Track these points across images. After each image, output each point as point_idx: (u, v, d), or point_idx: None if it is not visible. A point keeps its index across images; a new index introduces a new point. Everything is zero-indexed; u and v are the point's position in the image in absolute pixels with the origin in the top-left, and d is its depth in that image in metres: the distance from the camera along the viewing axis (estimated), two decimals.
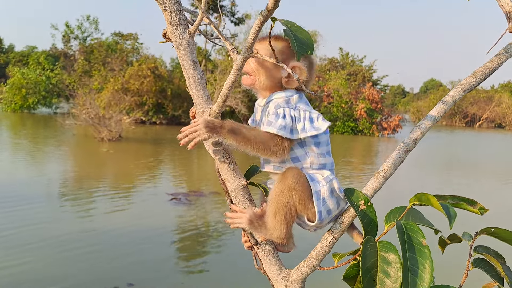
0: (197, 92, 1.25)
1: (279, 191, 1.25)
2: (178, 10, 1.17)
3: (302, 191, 1.25)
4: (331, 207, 1.29)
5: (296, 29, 0.94)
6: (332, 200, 1.29)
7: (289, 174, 1.26)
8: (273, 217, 1.27)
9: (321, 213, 1.26)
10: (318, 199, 1.26)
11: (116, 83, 24.45)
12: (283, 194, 1.25)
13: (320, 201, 1.27)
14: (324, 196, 1.28)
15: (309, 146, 1.32)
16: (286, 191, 1.24)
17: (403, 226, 1.12)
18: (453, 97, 1.25)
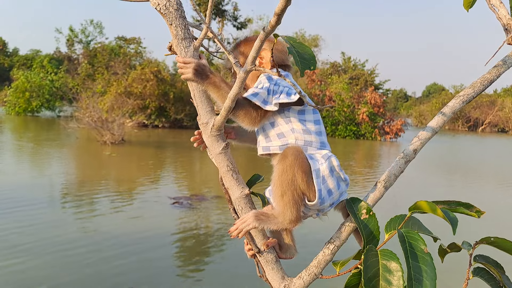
0: (201, 104, 1.28)
1: (282, 170, 1.26)
2: (183, 25, 1.20)
3: (303, 168, 1.25)
4: (331, 187, 1.30)
5: (299, 45, 0.96)
6: (332, 180, 1.29)
7: (288, 151, 1.27)
8: (281, 200, 1.26)
9: (321, 192, 1.27)
10: (318, 177, 1.27)
11: (119, 87, 24.56)
12: (286, 173, 1.25)
13: (320, 179, 1.27)
14: (324, 174, 1.28)
15: (294, 123, 1.34)
16: (288, 168, 1.25)
17: (404, 234, 1.14)
18: (451, 108, 1.28)
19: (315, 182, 1.26)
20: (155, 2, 1.17)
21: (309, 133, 1.35)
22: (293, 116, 1.35)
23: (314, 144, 1.34)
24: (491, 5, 1.47)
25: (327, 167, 1.29)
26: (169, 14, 1.18)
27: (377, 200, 1.28)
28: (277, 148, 1.34)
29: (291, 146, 1.29)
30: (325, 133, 1.41)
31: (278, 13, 0.87)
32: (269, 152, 1.35)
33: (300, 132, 1.33)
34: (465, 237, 1.43)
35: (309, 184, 1.26)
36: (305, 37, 42.95)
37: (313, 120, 1.37)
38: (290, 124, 1.34)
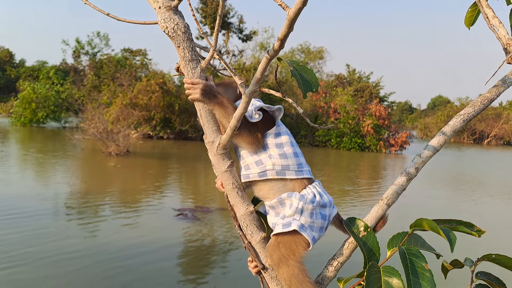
0: (208, 123, 1.31)
1: (277, 268, 1.30)
2: (190, 47, 1.24)
3: (290, 247, 1.29)
4: (320, 225, 1.33)
5: (302, 68, 1.00)
6: (317, 220, 1.33)
7: (270, 252, 1.31)
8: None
9: (314, 238, 1.31)
10: (305, 231, 1.30)
11: (124, 98, 24.72)
12: (282, 269, 1.28)
13: (308, 231, 1.30)
14: (308, 224, 1.31)
15: (272, 148, 1.37)
16: (281, 264, 1.28)
17: (405, 251, 1.16)
18: (452, 127, 1.30)
19: (305, 235, 1.29)
20: (164, 25, 1.21)
21: (286, 157, 1.37)
22: (270, 142, 1.38)
23: (291, 168, 1.36)
24: (491, 25, 1.50)
25: (306, 216, 1.31)
26: (177, 37, 1.22)
27: (380, 218, 1.30)
28: (256, 175, 1.36)
29: (270, 246, 1.32)
30: (301, 153, 1.43)
31: (281, 38, 0.91)
32: (249, 179, 1.37)
33: (277, 158, 1.36)
34: (469, 253, 1.44)
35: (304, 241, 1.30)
36: (310, 49, 43.14)
37: (289, 141, 1.40)
38: (268, 150, 1.37)
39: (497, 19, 1.50)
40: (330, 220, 1.36)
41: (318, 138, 27.83)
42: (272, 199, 1.36)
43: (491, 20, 1.51)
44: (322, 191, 1.38)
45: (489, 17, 1.52)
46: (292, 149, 1.40)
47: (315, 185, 1.38)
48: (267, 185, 1.37)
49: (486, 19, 1.53)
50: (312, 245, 1.30)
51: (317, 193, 1.35)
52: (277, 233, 1.32)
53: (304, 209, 1.32)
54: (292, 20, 0.86)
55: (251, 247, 1.35)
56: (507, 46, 1.47)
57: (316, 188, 1.37)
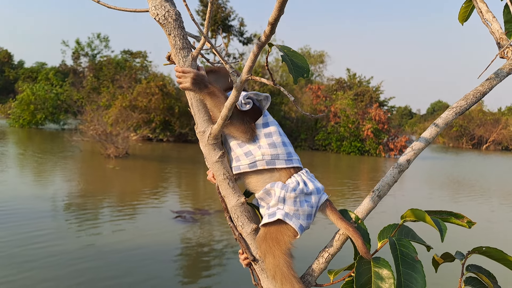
0: (199, 112, 1.31)
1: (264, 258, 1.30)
2: (181, 35, 1.24)
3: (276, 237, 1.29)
4: (307, 213, 1.32)
5: (293, 54, 0.99)
6: (303, 208, 1.31)
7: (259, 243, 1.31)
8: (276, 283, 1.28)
9: (301, 226, 1.30)
10: (291, 220, 1.29)
11: (124, 100, 24.71)
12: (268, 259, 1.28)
13: (293, 219, 1.30)
14: (292, 212, 1.30)
15: (260, 139, 1.36)
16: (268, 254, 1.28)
17: (395, 242, 1.15)
18: (445, 120, 1.30)
19: (292, 224, 1.29)
20: (154, 12, 1.21)
21: (275, 146, 1.36)
22: (258, 132, 1.38)
23: (281, 157, 1.36)
24: (485, 19, 1.50)
25: (290, 205, 1.31)
26: (168, 24, 1.22)
27: (371, 209, 1.30)
28: (246, 167, 1.36)
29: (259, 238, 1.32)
30: (290, 143, 1.43)
31: (271, 22, 0.90)
32: (240, 171, 1.37)
33: (267, 147, 1.35)
34: (459, 247, 1.44)
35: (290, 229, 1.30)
36: (311, 53, 43.22)
37: (277, 131, 1.40)
38: (257, 141, 1.36)
39: (490, 13, 1.51)
40: (318, 207, 1.35)
41: (318, 142, 27.83)
42: (260, 190, 1.36)
43: (484, 14, 1.52)
44: (308, 179, 1.37)
45: (483, 11, 1.52)
46: (280, 138, 1.39)
47: (301, 173, 1.37)
48: (256, 177, 1.37)
49: (480, 13, 1.53)
50: (300, 233, 1.29)
51: (301, 181, 1.34)
52: (264, 224, 1.32)
53: (286, 197, 1.31)
54: (282, 2, 0.85)
55: (242, 238, 1.35)
56: (500, 41, 1.47)
57: (301, 176, 1.36)
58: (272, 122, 1.41)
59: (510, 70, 1.40)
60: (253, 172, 1.37)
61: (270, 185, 1.33)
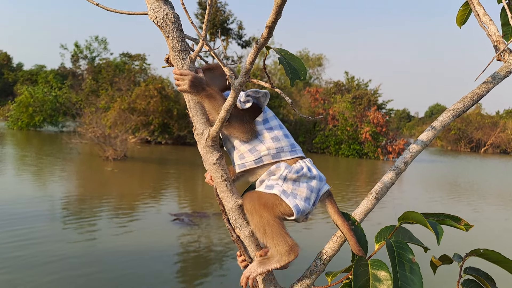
0: (197, 114, 1.31)
1: (250, 218, 1.29)
2: (180, 38, 1.24)
3: (265, 203, 1.28)
4: (306, 195, 1.32)
5: (290, 57, 1.00)
6: (302, 188, 1.32)
7: (244, 201, 1.31)
8: (266, 240, 1.28)
9: (298, 206, 1.29)
10: (287, 197, 1.29)
11: (122, 103, 24.70)
12: (254, 218, 1.28)
13: (290, 197, 1.30)
14: (290, 191, 1.31)
15: (262, 135, 1.38)
16: (254, 214, 1.28)
17: (392, 244, 1.16)
18: (442, 122, 1.30)
19: (288, 202, 1.28)
20: (153, 15, 1.21)
21: (278, 139, 1.38)
22: (259, 128, 1.39)
23: (285, 149, 1.37)
24: (482, 22, 1.51)
25: (289, 184, 1.32)
26: (166, 27, 1.22)
27: (369, 211, 1.30)
28: (252, 163, 1.37)
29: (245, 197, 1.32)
30: (290, 135, 1.45)
31: (269, 25, 0.91)
32: (246, 168, 1.38)
33: (270, 141, 1.37)
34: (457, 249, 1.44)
35: (286, 206, 1.29)
36: (309, 56, 43.30)
37: (278, 125, 1.42)
38: (259, 137, 1.38)
39: (487, 16, 1.52)
40: (319, 195, 1.35)
41: (317, 145, 27.84)
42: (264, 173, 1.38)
43: (481, 17, 1.53)
44: (311, 166, 1.38)
45: (480, 14, 1.53)
46: (282, 131, 1.41)
47: (305, 161, 1.39)
48: (262, 171, 1.39)
49: (477, 16, 1.54)
50: (296, 213, 1.29)
51: (305, 166, 1.36)
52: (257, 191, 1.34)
53: (287, 177, 1.32)
54: (280, 6, 0.86)
55: (240, 240, 1.35)
56: (497, 43, 1.48)
57: (305, 162, 1.37)
58: (272, 117, 1.43)
59: (507, 73, 1.40)
60: (258, 167, 1.38)
61: (275, 166, 1.34)
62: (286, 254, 1.27)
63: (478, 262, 1.30)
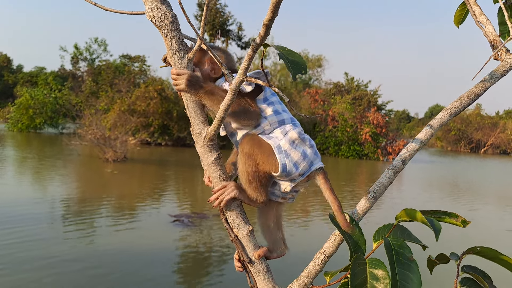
0: (195, 114, 1.31)
1: (243, 161, 1.33)
2: (177, 37, 1.24)
3: (262, 152, 1.33)
4: (296, 159, 1.35)
5: (288, 52, 1.00)
6: (296, 151, 1.35)
7: (244, 141, 1.35)
8: (250, 187, 1.34)
9: (285, 165, 1.33)
10: (280, 153, 1.33)
11: (122, 104, 24.71)
12: (247, 163, 1.33)
13: (282, 154, 1.33)
14: (285, 148, 1.34)
15: (264, 110, 1.41)
16: (247, 158, 1.32)
17: (390, 243, 1.16)
18: (439, 121, 1.31)
19: (278, 157, 1.33)
20: (151, 14, 1.22)
21: (279, 112, 1.42)
22: (261, 106, 1.42)
23: (286, 121, 1.42)
24: (478, 22, 1.52)
25: (287, 141, 1.36)
26: (164, 27, 1.23)
27: (367, 210, 1.30)
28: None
29: (246, 135, 1.37)
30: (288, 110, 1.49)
31: (266, 24, 0.91)
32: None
33: (272, 116, 1.41)
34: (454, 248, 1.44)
35: (274, 161, 1.33)
36: (309, 57, 43.31)
37: (277, 100, 1.46)
38: (262, 113, 1.41)
39: (484, 16, 1.52)
40: (311, 169, 1.39)
41: (316, 146, 27.82)
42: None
43: (478, 17, 1.53)
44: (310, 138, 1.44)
45: (477, 14, 1.54)
46: (281, 106, 1.45)
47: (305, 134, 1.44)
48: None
49: (474, 16, 1.55)
50: (280, 171, 1.33)
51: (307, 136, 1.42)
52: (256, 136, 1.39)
53: (289, 134, 1.37)
54: (276, 4, 0.86)
55: (238, 240, 1.35)
56: (494, 42, 1.48)
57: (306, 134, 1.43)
58: (271, 95, 1.46)
59: (504, 72, 1.41)
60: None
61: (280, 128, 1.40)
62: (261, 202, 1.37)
63: (475, 260, 1.30)
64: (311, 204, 10.62)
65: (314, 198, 11.15)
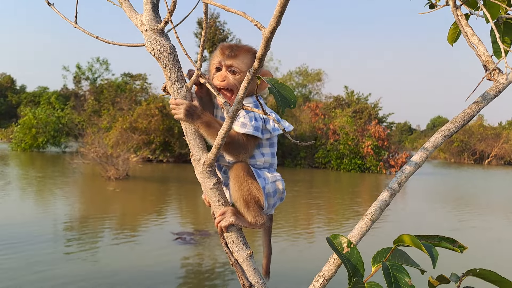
0: (194, 141, 1.34)
1: (237, 187, 1.39)
2: (176, 68, 1.28)
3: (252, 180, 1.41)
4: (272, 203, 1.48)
5: (280, 86, 1.03)
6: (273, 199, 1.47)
7: (239, 166, 1.40)
8: (248, 212, 1.40)
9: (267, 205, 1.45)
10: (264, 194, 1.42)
11: (124, 122, 24.84)
12: (241, 189, 1.39)
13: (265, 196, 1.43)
14: (269, 191, 1.44)
15: (265, 147, 1.48)
16: (242, 182, 1.38)
17: (388, 267, 1.17)
18: (433, 143, 1.33)
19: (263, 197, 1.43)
20: (150, 47, 1.25)
21: (274, 156, 1.51)
22: (264, 140, 1.48)
23: (274, 166, 1.52)
24: (471, 42, 1.55)
25: (271, 187, 1.45)
26: (163, 58, 1.26)
27: (364, 233, 1.32)
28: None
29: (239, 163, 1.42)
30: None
31: (259, 57, 0.94)
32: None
33: (269, 156, 1.48)
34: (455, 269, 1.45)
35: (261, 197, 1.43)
36: (308, 71, 43.52)
37: (275, 142, 1.53)
38: (260, 148, 1.47)
39: (476, 37, 1.55)
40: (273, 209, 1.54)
41: (318, 159, 27.81)
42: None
43: (470, 38, 1.56)
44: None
45: (469, 35, 1.57)
46: (275, 149, 1.53)
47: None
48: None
49: (466, 37, 1.58)
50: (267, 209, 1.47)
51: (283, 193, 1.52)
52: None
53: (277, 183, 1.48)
54: (268, 39, 0.89)
55: (238, 264, 1.36)
56: (487, 63, 1.51)
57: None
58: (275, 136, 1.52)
59: (497, 92, 1.43)
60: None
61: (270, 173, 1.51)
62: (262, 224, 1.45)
63: (475, 281, 1.31)
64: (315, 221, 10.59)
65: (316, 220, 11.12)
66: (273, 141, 1.50)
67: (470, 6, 1.67)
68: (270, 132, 1.44)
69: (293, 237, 8.36)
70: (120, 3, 1.28)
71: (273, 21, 0.86)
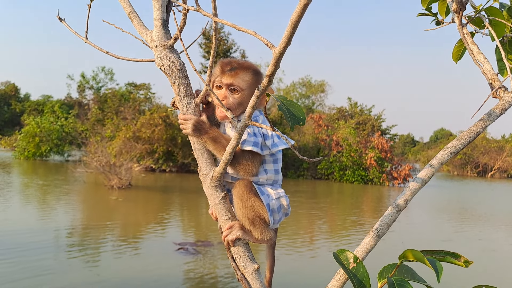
0: (201, 156, 1.36)
1: (241, 205, 1.40)
2: (185, 83, 1.30)
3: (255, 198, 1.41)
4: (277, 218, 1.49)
5: (289, 103, 1.05)
6: (278, 214, 1.48)
7: (241, 185, 1.41)
8: (254, 229, 1.41)
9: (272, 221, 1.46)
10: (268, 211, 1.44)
11: (127, 131, 24.92)
12: (245, 207, 1.39)
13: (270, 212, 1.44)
14: (273, 207, 1.45)
15: (268, 163, 1.49)
16: (246, 200, 1.39)
17: (394, 283, 1.17)
18: (440, 160, 1.34)
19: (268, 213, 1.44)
20: (160, 63, 1.27)
21: (278, 172, 1.53)
22: (267, 158, 1.49)
23: (278, 182, 1.54)
24: (476, 60, 1.56)
25: (275, 204, 1.46)
26: (173, 74, 1.28)
27: (371, 249, 1.32)
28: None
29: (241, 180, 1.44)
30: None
31: (269, 75, 0.96)
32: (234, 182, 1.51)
33: (272, 173, 1.49)
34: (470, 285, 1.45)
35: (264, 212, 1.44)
36: (312, 82, 43.68)
37: (279, 158, 1.54)
38: (264, 165, 1.48)
39: (482, 55, 1.57)
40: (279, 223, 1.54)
41: (321, 171, 27.76)
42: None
43: (476, 56, 1.58)
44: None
45: (474, 53, 1.58)
46: (279, 165, 1.54)
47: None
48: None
49: (472, 55, 1.59)
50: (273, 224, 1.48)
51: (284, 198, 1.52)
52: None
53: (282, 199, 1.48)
54: (278, 58, 0.91)
55: (244, 278, 1.37)
56: (492, 81, 1.52)
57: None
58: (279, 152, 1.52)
59: (503, 110, 1.44)
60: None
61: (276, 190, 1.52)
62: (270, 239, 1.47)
63: None
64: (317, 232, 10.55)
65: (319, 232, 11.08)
66: (277, 157, 1.51)
67: (475, 24, 1.69)
68: (269, 149, 1.45)
69: (295, 249, 8.33)
70: (131, 19, 1.31)
71: (284, 41, 0.88)
